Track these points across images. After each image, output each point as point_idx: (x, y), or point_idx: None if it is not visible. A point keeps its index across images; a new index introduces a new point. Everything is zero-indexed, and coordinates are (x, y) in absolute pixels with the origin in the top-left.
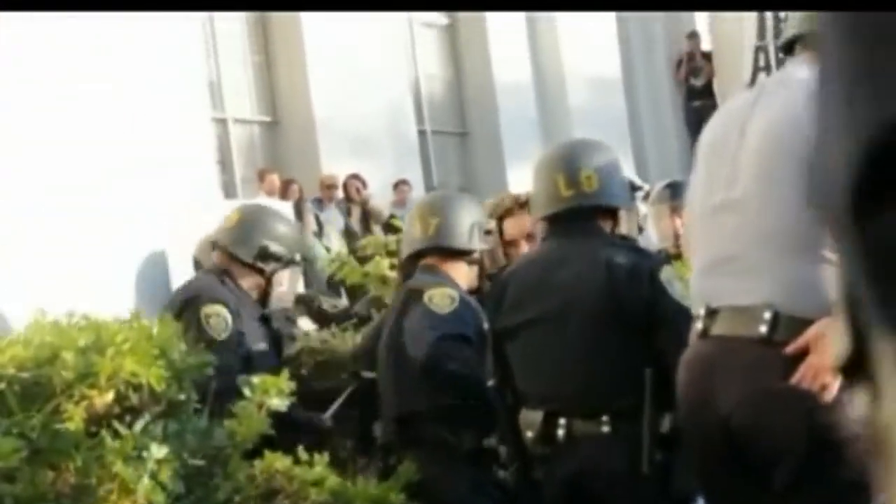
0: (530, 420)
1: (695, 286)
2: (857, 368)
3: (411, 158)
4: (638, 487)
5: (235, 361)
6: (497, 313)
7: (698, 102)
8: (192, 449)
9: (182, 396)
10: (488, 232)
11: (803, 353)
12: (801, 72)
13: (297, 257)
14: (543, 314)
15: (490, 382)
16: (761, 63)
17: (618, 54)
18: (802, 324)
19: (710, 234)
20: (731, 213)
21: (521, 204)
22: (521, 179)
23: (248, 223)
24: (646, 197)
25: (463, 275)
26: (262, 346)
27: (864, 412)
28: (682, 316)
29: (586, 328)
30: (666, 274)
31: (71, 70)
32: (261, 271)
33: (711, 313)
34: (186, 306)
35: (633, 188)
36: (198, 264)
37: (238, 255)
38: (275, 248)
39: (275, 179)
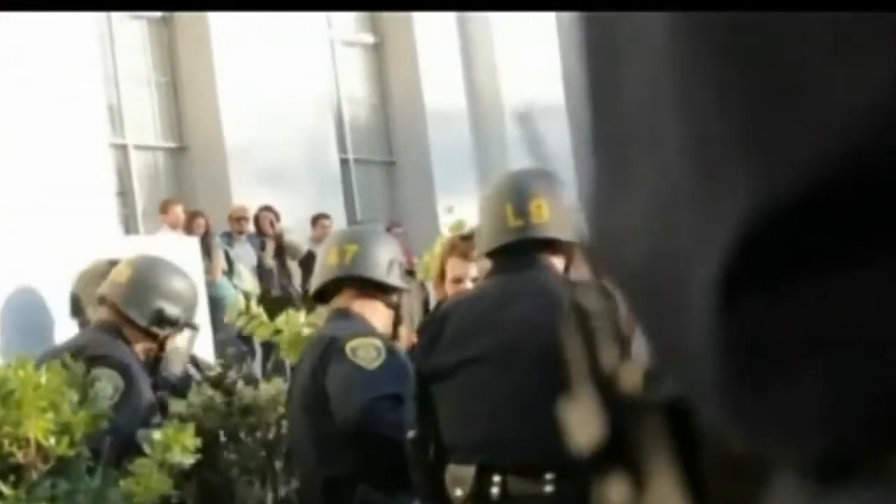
0: (459, 476)
1: None
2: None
3: (332, 189)
4: None
5: (130, 419)
6: (429, 352)
7: None
8: None
9: (73, 453)
10: (409, 272)
11: None
12: None
13: (194, 320)
14: (483, 354)
15: (410, 433)
16: None
17: (560, 80)
18: None
19: None
20: None
21: (465, 237)
22: (453, 213)
23: (142, 281)
24: None
25: (379, 317)
26: (155, 419)
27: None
28: None
29: (531, 371)
30: None
31: None
32: (154, 336)
33: None
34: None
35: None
36: (76, 303)
37: (131, 318)
38: (171, 310)
39: (179, 211)
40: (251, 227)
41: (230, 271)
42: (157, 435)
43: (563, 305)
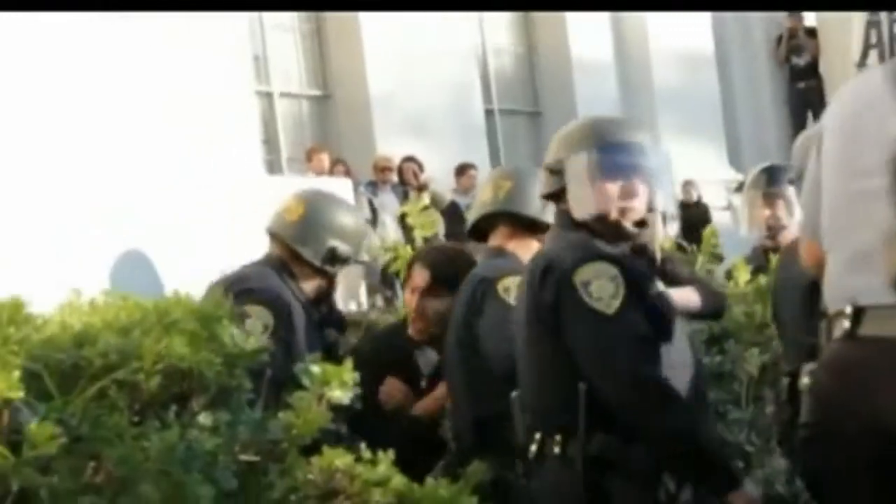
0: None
1: (835, 280)
2: None
3: (477, 140)
4: None
5: (287, 352)
6: None
7: (803, 84)
8: (245, 442)
9: (234, 384)
10: None
11: None
12: None
13: (363, 255)
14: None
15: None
16: (873, 40)
17: (710, 29)
18: None
19: (853, 223)
20: (876, 202)
21: None
22: None
23: (315, 219)
24: (738, 188)
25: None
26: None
27: None
28: (595, 322)
29: (526, 338)
30: (582, 275)
31: (106, 38)
32: (324, 273)
33: (858, 312)
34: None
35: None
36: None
37: (302, 254)
38: (343, 248)
39: (324, 159)
40: (395, 177)
41: (373, 220)
42: (315, 368)
43: (530, 275)
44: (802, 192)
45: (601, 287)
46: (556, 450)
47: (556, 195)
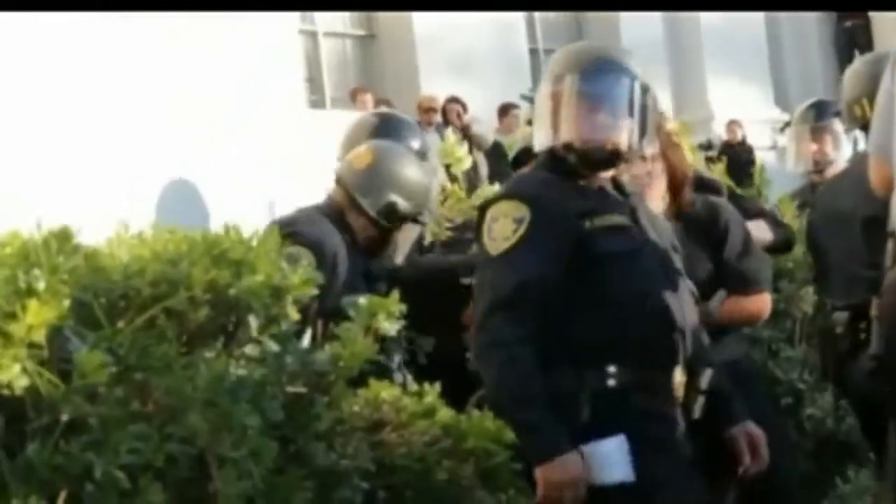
0: None
1: None
2: None
3: (521, 79)
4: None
5: (334, 287)
6: None
7: (849, 22)
8: (292, 373)
9: (281, 315)
10: None
11: None
12: None
13: (424, 215)
14: None
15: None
16: None
17: None
18: None
19: None
20: None
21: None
22: None
23: (380, 170)
24: (784, 128)
25: None
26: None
27: None
28: (483, 260)
29: None
30: (492, 212)
31: None
32: (381, 226)
33: None
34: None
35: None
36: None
37: (361, 204)
38: (403, 205)
39: (368, 99)
40: (439, 118)
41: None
42: (361, 301)
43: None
44: (875, 113)
45: (502, 227)
46: None
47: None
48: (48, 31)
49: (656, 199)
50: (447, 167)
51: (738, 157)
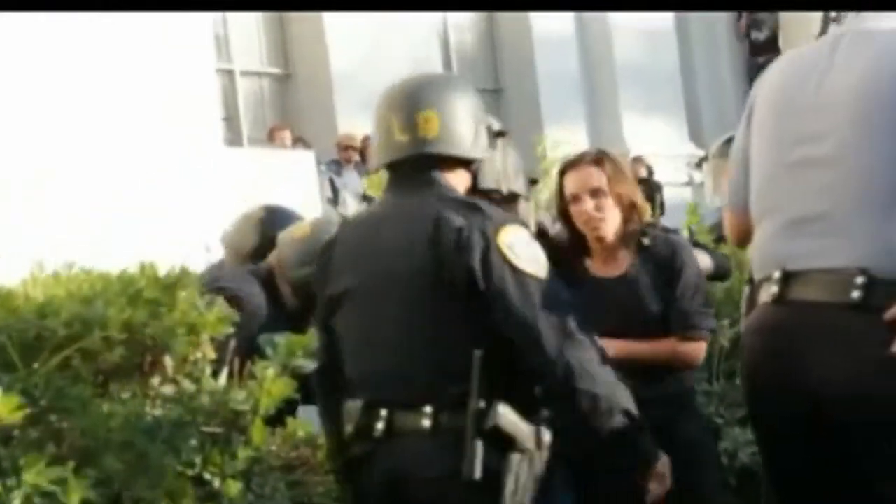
0: (350, 411)
1: (765, 247)
2: None
3: None
4: (464, 496)
5: (252, 324)
6: (324, 280)
7: (763, 58)
8: (209, 412)
9: (198, 354)
10: (533, 181)
11: None
12: (884, 22)
13: None
14: (362, 283)
15: (315, 364)
16: (833, 14)
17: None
18: None
19: (786, 191)
20: (816, 169)
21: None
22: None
23: (311, 245)
24: (699, 164)
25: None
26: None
27: None
28: (525, 286)
29: (409, 299)
30: (508, 236)
31: (67, 20)
32: (300, 297)
33: (788, 277)
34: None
35: (496, 134)
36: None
37: (285, 272)
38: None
39: (286, 137)
40: (358, 156)
41: (335, 199)
42: (279, 339)
43: (437, 225)
44: (729, 166)
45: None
46: (426, 423)
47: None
48: None
49: (610, 233)
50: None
51: (643, 194)
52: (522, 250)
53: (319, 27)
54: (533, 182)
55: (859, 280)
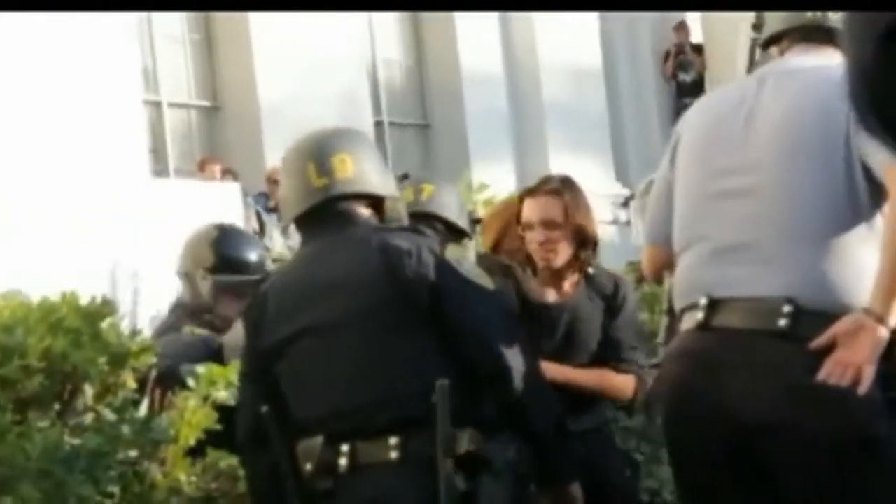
0: (308, 449)
1: (690, 275)
2: None
3: None
4: None
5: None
6: (258, 333)
7: (689, 99)
8: (128, 442)
9: (119, 383)
10: (476, 221)
11: (826, 350)
12: (810, 60)
13: None
14: (313, 322)
15: (265, 408)
16: (758, 56)
17: (598, 44)
18: (824, 319)
19: (713, 221)
20: (743, 199)
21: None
22: (489, 178)
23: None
24: (626, 203)
25: None
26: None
27: None
28: (479, 296)
29: (365, 329)
30: (454, 253)
31: None
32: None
33: (713, 304)
34: None
35: (402, 177)
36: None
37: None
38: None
39: (216, 170)
40: None
41: (261, 232)
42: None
43: (384, 251)
44: (651, 199)
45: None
46: (395, 455)
47: None
48: None
49: (559, 263)
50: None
51: None
52: (469, 265)
53: (248, 60)
54: (476, 221)
55: (786, 309)
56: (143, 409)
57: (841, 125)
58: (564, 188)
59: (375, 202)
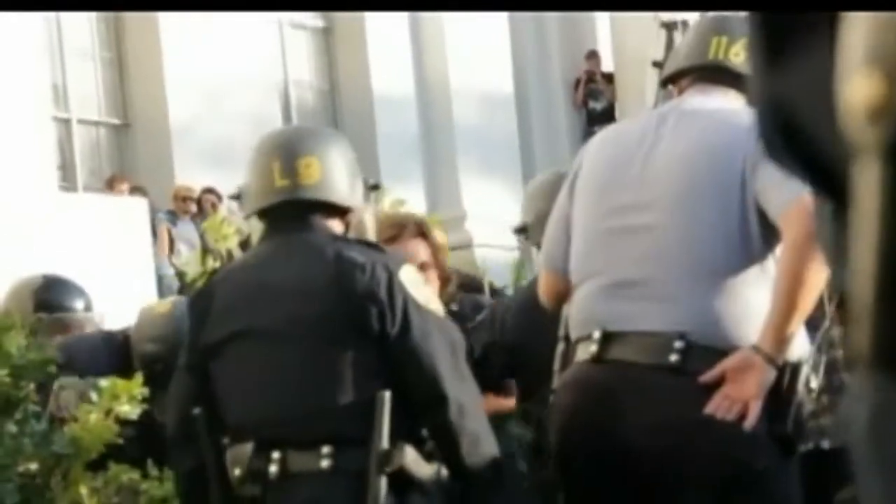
0: (238, 455)
1: (585, 308)
2: None
3: None
4: None
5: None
6: (201, 327)
7: (598, 127)
8: (29, 455)
9: (20, 395)
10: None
11: (715, 384)
12: (710, 102)
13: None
14: (256, 325)
15: (196, 410)
16: (668, 89)
17: (510, 69)
18: (715, 354)
19: (608, 256)
20: (638, 236)
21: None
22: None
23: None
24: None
25: None
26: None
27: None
28: (427, 322)
29: (309, 338)
30: (406, 274)
31: None
32: None
33: (607, 337)
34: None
35: (371, 187)
36: None
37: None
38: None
39: (125, 189)
40: (195, 207)
41: (171, 250)
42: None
43: (338, 263)
44: (548, 227)
45: None
46: (325, 464)
47: None
48: None
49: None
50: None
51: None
52: (421, 289)
53: (159, 78)
54: None
55: (677, 344)
56: (44, 422)
57: (737, 168)
58: (426, 231)
59: (342, 211)
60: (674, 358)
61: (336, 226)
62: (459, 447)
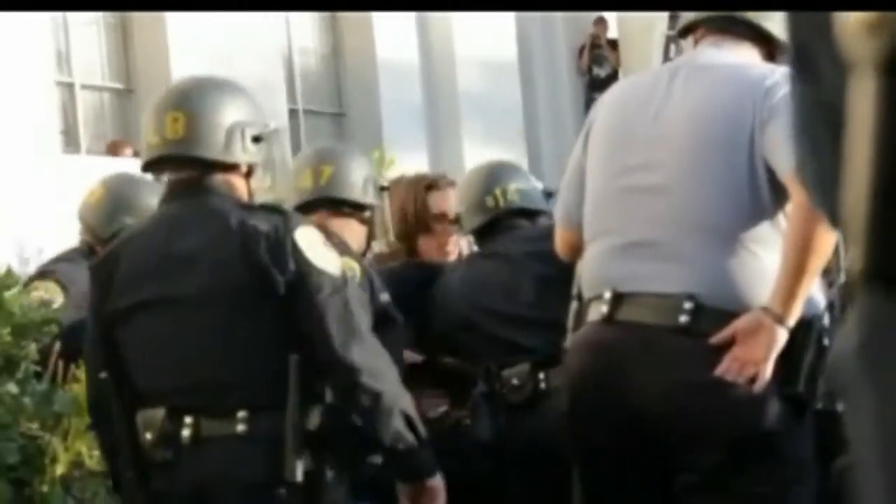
0: (150, 419)
1: (596, 268)
2: None
3: (280, 139)
4: (281, 501)
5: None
6: (105, 295)
7: (600, 94)
8: (30, 414)
9: (21, 354)
10: (383, 188)
11: (726, 346)
12: (722, 56)
13: None
14: (164, 293)
15: (103, 374)
16: (672, 54)
17: (514, 36)
18: (725, 316)
19: (620, 216)
20: (650, 197)
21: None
22: (403, 167)
23: (112, 199)
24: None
25: (355, 235)
26: None
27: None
28: (320, 283)
29: (217, 305)
30: (306, 235)
31: None
32: None
33: (618, 298)
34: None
35: (254, 139)
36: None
37: (102, 236)
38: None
39: (128, 152)
40: None
41: None
42: None
43: (242, 230)
44: (563, 184)
45: None
46: (241, 428)
47: None
48: None
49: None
50: None
51: None
52: (319, 249)
53: (162, 44)
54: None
55: (687, 305)
56: (45, 382)
57: (746, 124)
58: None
59: (227, 166)
60: (683, 319)
61: (236, 181)
62: (357, 407)
